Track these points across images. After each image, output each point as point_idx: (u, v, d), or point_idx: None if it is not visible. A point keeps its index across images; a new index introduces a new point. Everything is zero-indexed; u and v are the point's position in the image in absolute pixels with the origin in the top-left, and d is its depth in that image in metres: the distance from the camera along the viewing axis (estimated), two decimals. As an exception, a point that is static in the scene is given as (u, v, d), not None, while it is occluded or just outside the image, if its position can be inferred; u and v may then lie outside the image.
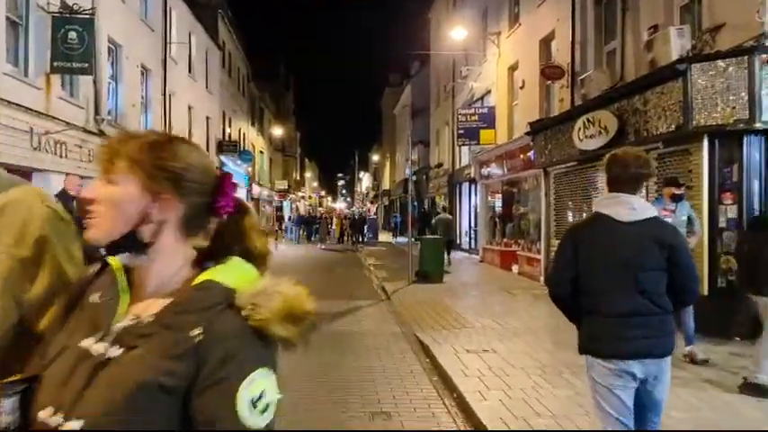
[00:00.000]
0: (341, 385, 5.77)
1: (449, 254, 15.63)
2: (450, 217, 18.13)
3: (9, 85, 9.36)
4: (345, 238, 32.18)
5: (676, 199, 6.14)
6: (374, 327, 8.75)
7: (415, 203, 30.63)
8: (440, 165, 27.67)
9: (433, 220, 17.28)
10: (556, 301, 2.95)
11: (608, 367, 2.71)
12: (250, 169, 33.01)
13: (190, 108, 21.26)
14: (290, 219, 42.18)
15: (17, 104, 9.38)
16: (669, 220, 5.77)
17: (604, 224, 2.80)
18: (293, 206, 56.14)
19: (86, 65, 10.39)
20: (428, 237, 14.95)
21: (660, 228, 2.78)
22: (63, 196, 7.62)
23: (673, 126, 7.85)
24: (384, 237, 37.13)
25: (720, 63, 7.32)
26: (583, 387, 5.25)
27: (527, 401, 5.01)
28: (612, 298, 2.73)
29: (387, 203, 53.63)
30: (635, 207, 2.76)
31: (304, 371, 6.23)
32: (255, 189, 36.26)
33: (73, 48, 10.17)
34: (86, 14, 10.47)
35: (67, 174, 8.87)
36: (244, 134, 32.58)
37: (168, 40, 18.17)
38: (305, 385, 5.74)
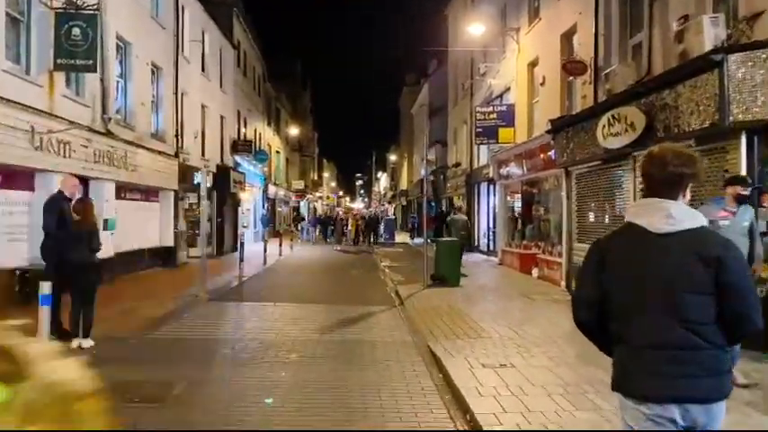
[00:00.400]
0: (344, 402, 5.32)
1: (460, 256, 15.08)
2: (465, 217, 17.59)
3: (9, 82, 9.07)
4: (361, 238, 31.75)
5: (741, 201, 5.41)
6: (385, 335, 8.29)
7: (433, 204, 30.10)
8: (457, 164, 27.14)
9: (448, 219, 16.77)
10: (580, 327, 2.46)
11: (642, 411, 2.21)
12: (266, 169, 32.78)
13: (203, 107, 21.00)
14: (305, 219, 41.94)
15: (17, 102, 9.09)
16: (726, 223, 5.15)
17: (636, 236, 2.29)
18: (311, 206, 55.94)
19: (91, 62, 10.08)
20: (444, 239, 14.44)
21: (705, 239, 2.24)
22: (58, 199, 7.32)
23: (707, 122, 7.27)
24: (401, 237, 36.65)
25: (760, 53, 6.73)
26: (610, 409, 4.75)
27: (547, 427, 4.51)
28: (645, 326, 2.22)
29: (404, 204, 53.13)
30: (672, 215, 2.23)
31: (305, 384, 5.82)
32: (272, 189, 36.03)
33: (77, 44, 9.87)
34: (90, 10, 10.16)
35: (65, 174, 8.56)
36: (259, 134, 32.35)
37: (180, 38, 17.89)
38: (304, 400, 5.31)
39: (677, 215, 2.23)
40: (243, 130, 27.62)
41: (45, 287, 5.61)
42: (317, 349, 7.38)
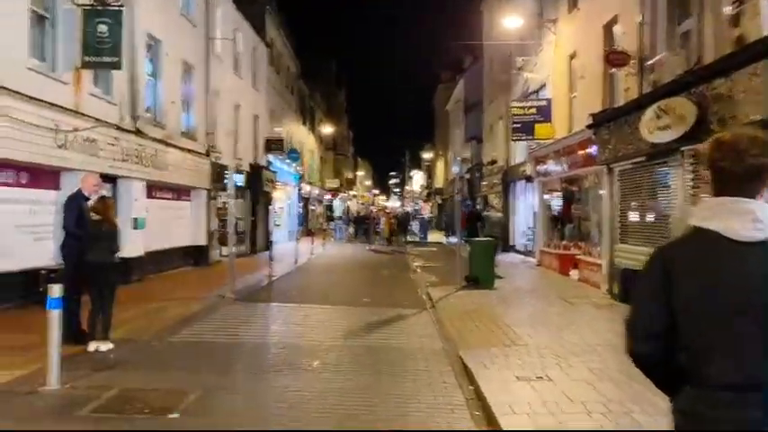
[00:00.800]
0: (365, 417, 4.93)
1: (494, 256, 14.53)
2: (500, 215, 17.00)
3: (34, 80, 8.99)
4: (394, 237, 31.32)
5: None
6: (414, 341, 7.87)
7: (468, 202, 29.50)
8: (493, 162, 26.46)
9: (482, 216, 16.25)
10: (638, 361, 1.94)
11: None
12: (300, 168, 32.70)
13: (236, 106, 20.93)
14: (339, 218, 41.85)
15: (40, 100, 9.00)
16: None
17: (710, 245, 1.78)
18: (345, 205, 55.86)
19: (117, 59, 9.96)
20: (479, 239, 13.93)
21: None
22: (76, 198, 7.15)
23: (768, 112, 6.60)
24: (437, 237, 36.05)
25: (831, 34, 6.03)
26: (660, 433, 4.24)
27: (589, 453, 4.02)
28: (725, 360, 1.72)
29: (440, 202, 52.48)
30: (759, 218, 1.74)
31: (325, 395, 5.45)
32: (305, 188, 35.99)
33: (103, 41, 9.76)
34: (116, 6, 10.04)
35: (88, 172, 8.41)
36: (293, 133, 32.28)
37: (212, 37, 17.80)
38: (322, 413, 4.94)
39: (766, 218, 1.74)
40: (276, 128, 27.54)
41: (54, 290, 5.38)
42: (341, 356, 7.02)
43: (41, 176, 9.61)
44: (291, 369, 6.39)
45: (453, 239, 29.48)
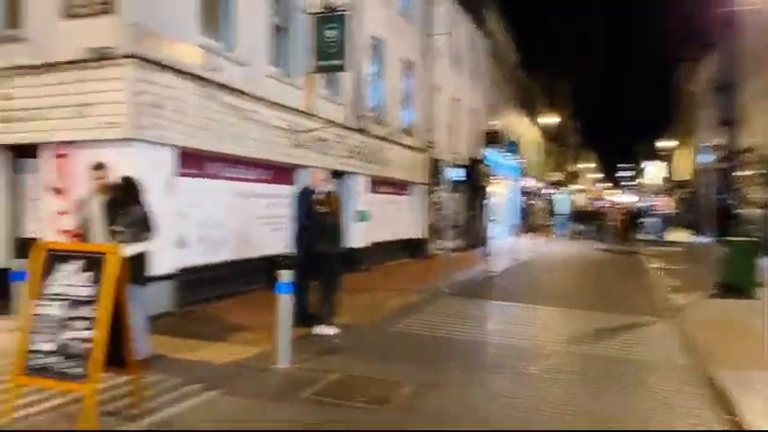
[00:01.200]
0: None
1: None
2: (758, 211, 14.20)
3: (272, 86, 9.96)
4: (626, 235, 28.43)
5: None
6: (650, 353, 6.84)
7: (723, 196, 25.69)
8: (750, 149, 22.46)
9: (737, 214, 13.74)
10: None
11: None
12: (521, 161, 31.79)
13: (455, 100, 21.00)
14: (563, 213, 39.77)
15: (278, 104, 9.95)
16: None
17: None
18: (568, 199, 52.95)
19: (343, 62, 10.56)
20: (736, 238, 11.76)
21: None
22: (305, 192, 7.64)
23: None
24: (680, 235, 32.01)
25: None
26: None
27: None
28: None
29: (684, 196, 46.61)
30: None
31: (543, 404, 4.92)
32: (526, 181, 34.90)
33: (330, 46, 10.43)
34: (342, 11, 10.63)
35: (316, 169, 9.01)
36: (512, 125, 31.45)
37: (431, 32, 18.03)
38: (541, 424, 4.42)
39: None
40: (494, 121, 27.08)
41: (283, 276, 5.73)
42: (563, 363, 6.37)
43: (279, 173, 10.65)
44: (507, 371, 5.96)
45: (702, 239, 25.84)
